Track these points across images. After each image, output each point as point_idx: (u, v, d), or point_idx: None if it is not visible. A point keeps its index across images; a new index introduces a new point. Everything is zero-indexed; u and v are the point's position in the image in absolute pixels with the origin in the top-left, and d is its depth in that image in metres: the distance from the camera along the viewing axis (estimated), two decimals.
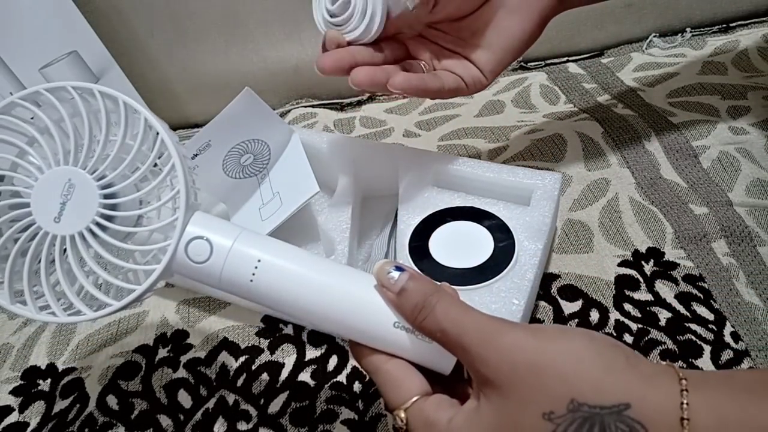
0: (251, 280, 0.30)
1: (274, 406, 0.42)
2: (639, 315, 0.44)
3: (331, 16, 0.42)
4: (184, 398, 0.43)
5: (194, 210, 0.32)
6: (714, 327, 0.42)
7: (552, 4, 0.41)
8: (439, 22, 0.42)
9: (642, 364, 0.25)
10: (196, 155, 0.49)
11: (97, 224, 0.30)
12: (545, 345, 0.25)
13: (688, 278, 0.46)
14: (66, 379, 0.46)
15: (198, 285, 0.52)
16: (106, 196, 0.30)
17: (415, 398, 0.28)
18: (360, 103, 0.75)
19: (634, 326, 0.43)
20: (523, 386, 0.24)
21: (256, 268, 0.30)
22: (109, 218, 0.31)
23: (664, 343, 0.42)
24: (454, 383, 0.30)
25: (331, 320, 0.30)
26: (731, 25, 0.74)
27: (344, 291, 0.30)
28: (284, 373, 0.44)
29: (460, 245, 0.43)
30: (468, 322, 0.26)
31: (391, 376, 0.29)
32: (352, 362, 0.44)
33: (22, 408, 0.45)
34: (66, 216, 0.30)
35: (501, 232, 0.44)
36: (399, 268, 0.29)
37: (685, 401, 0.23)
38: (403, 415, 0.28)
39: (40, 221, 0.30)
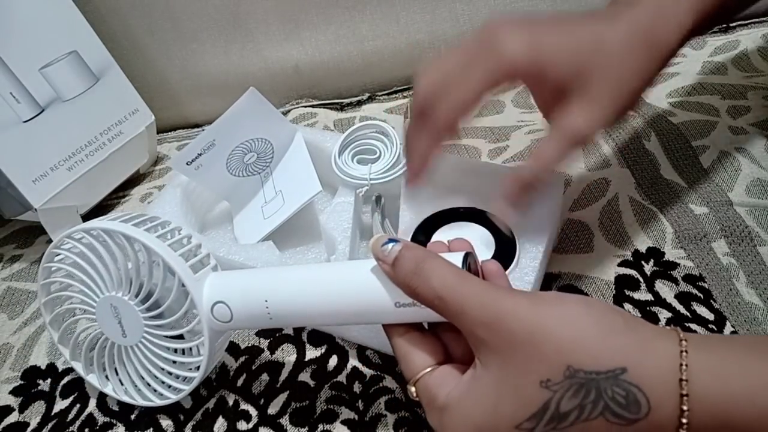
0: (270, 318, 0.35)
1: (274, 406, 0.42)
2: (639, 315, 0.44)
3: None
4: (184, 398, 0.43)
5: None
6: (714, 327, 0.42)
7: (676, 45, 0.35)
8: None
9: (641, 328, 0.25)
10: (200, 154, 0.49)
11: (153, 335, 0.38)
12: (543, 312, 0.25)
13: (688, 278, 0.46)
14: (66, 379, 0.46)
15: None
16: (149, 309, 0.37)
17: (421, 373, 0.29)
18: (360, 103, 0.75)
19: None
20: (520, 354, 0.25)
21: (267, 309, 0.34)
22: (156, 326, 0.38)
23: None
24: None
25: (346, 314, 0.33)
26: (731, 25, 0.74)
27: (347, 284, 0.32)
28: (284, 373, 0.44)
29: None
30: (466, 289, 0.26)
31: (401, 351, 0.30)
32: (352, 362, 0.44)
33: (22, 408, 0.45)
34: (126, 330, 0.38)
35: (502, 234, 0.44)
36: (393, 240, 0.29)
37: (684, 363, 0.23)
38: (413, 389, 0.29)
39: (111, 336, 0.39)
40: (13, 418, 0.44)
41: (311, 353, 0.45)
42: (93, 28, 0.63)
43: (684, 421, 0.23)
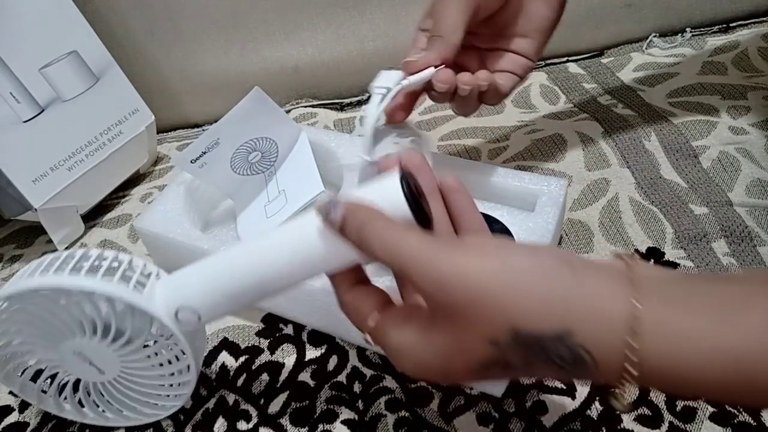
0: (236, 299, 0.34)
1: (274, 406, 0.42)
2: None
3: None
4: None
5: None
6: None
7: None
8: (477, 25, 0.44)
9: (589, 280, 0.24)
10: (204, 152, 0.49)
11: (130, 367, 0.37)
12: (485, 272, 0.24)
13: None
14: None
15: None
16: (115, 339, 0.35)
17: (372, 323, 0.29)
18: (360, 103, 0.75)
19: None
20: (466, 315, 0.25)
21: (229, 292, 0.33)
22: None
23: None
24: None
25: (299, 272, 0.32)
26: (731, 25, 0.74)
27: (294, 242, 0.31)
28: (284, 373, 0.44)
29: None
30: (405, 252, 0.26)
31: (349, 307, 0.31)
32: (352, 362, 0.44)
33: (22, 408, 0.45)
34: (102, 367, 0.37)
35: (503, 237, 0.44)
36: (335, 204, 0.29)
37: (632, 323, 0.23)
38: (368, 337, 0.30)
39: (87, 378, 0.38)
40: (13, 418, 0.44)
41: (311, 353, 0.45)
42: (93, 28, 0.63)
43: (628, 376, 0.23)
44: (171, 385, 0.39)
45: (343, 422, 0.41)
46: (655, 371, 0.23)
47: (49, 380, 0.40)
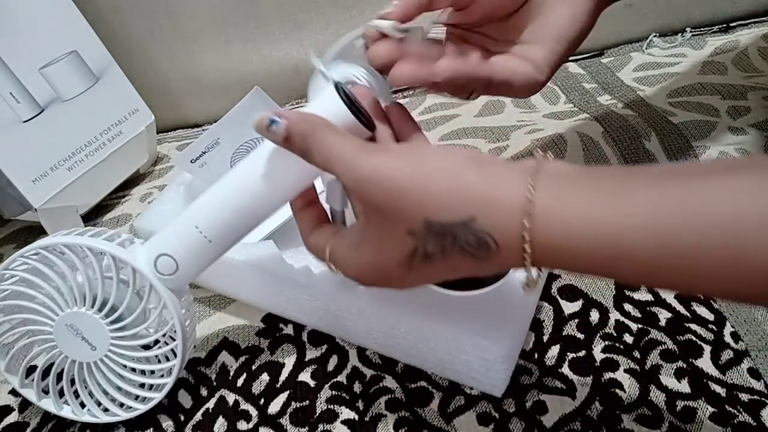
0: (209, 241, 0.36)
1: (274, 406, 0.42)
2: (639, 315, 0.44)
3: None
4: (184, 398, 0.43)
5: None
6: (714, 327, 0.42)
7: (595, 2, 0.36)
8: (480, 24, 0.39)
9: (492, 173, 0.27)
10: (204, 152, 0.49)
11: (119, 346, 0.39)
12: (400, 171, 0.27)
13: None
14: None
15: (206, 280, 0.52)
16: (113, 322, 0.38)
17: (328, 251, 0.32)
18: None
19: (634, 326, 0.43)
20: (387, 211, 0.28)
21: (201, 232, 0.35)
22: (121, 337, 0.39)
23: (664, 343, 0.42)
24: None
25: (267, 200, 0.34)
26: (731, 25, 0.74)
27: (256, 173, 0.34)
28: (284, 373, 0.44)
29: None
30: (336, 155, 0.29)
31: (311, 246, 0.34)
32: (352, 362, 0.44)
33: (22, 408, 0.45)
34: (93, 343, 0.39)
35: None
36: (277, 118, 0.31)
37: (530, 211, 0.25)
38: (331, 265, 0.33)
39: (76, 356, 0.40)
40: (12, 418, 0.44)
41: (311, 353, 0.45)
42: (93, 28, 0.63)
43: (526, 256, 0.26)
44: (154, 372, 0.41)
45: (343, 422, 0.41)
46: (548, 250, 0.25)
47: (37, 361, 0.42)
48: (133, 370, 0.40)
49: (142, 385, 0.41)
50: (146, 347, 0.41)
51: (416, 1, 0.35)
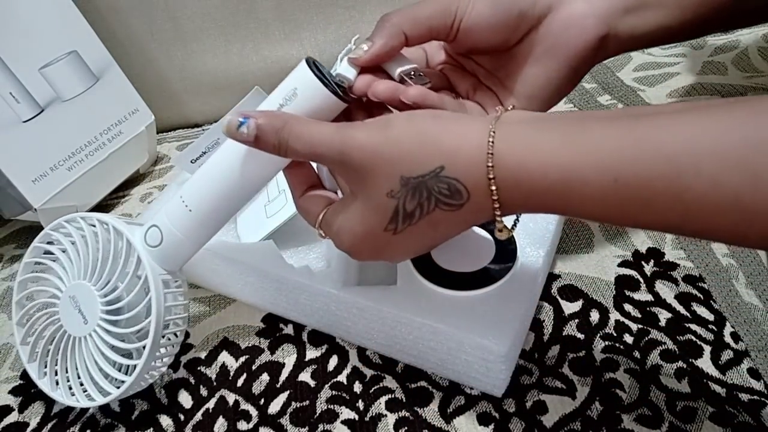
0: (190, 210, 0.37)
1: (274, 406, 0.42)
2: (639, 315, 0.44)
3: None
4: (184, 398, 0.43)
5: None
6: (714, 327, 0.42)
7: (584, 54, 0.36)
8: (470, 53, 0.39)
9: (457, 125, 0.29)
10: (204, 152, 0.49)
11: (106, 320, 0.39)
12: (375, 140, 0.30)
13: (688, 279, 0.46)
14: None
15: (206, 280, 0.52)
16: (109, 302, 0.40)
17: (320, 219, 0.34)
18: None
19: (634, 326, 0.43)
20: (367, 178, 0.30)
21: (184, 203, 0.37)
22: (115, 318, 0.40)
23: (664, 343, 0.42)
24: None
25: (247, 178, 0.36)
26: None
27: (237, 155, 0.35)
28: (284, 373, 0.44)
29: (462, 249, 0.43)
30: (315, 138, 0.31)
31: (302, 209, 0.36)
32: (352, 362, 0.44)
33: (22, 408, 0.45)
34: (87, 315, 0.40)
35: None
36: (245, 118, 0.32)
37: (489, 151, 0.27)
38: (321, 231, 0.35)
39: (71, 329, 0.41)
40: (12, 418, 0.44)
41: (311, 353, 0.45)
42: (93, 28, 0.63)
43: (495, 198, 0.28)
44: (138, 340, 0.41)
45: (343, 422, 0.41)
46: (512, 190, 0.27)
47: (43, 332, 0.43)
48: (114, 348, 0.40)
49: (120, 369, 0.40)
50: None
51: (387, 49, 0.34)
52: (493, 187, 0.28)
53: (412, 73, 0.35)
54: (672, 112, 0.25)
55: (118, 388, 0.39)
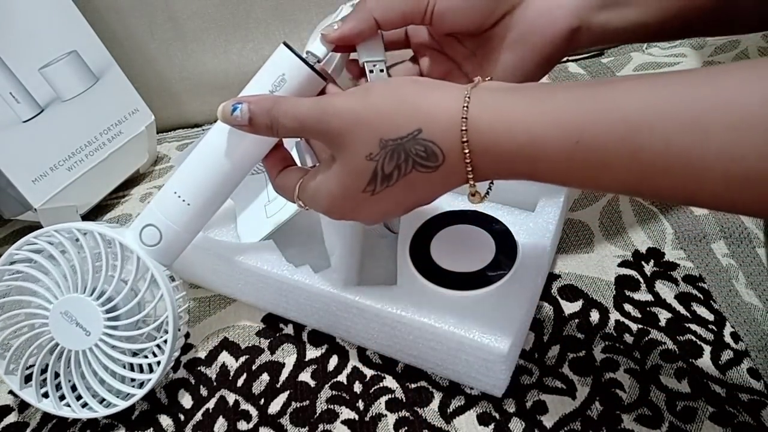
0: (188, 204, 0.38)
1: (274, 406, 0.42)
2: (639, 315, 0.44)
3: None
4: (184, 398, 0.43)
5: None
6: (714, 327, 0.42)
7: (555, 43, 0.36)
8: (449, 35, 0.39)
9: (435, 91, 0.30)
10: None
11: (110, 326, 0.39)
12: (354, 106, 0.31)
13: (688, 279, 0.46)
14: None
15: (206, 280, 0.52)
16: (108, 311, 0.39)
17: (297, 190, 0.35)
18: None
19: (634, 326, 0.43)
20: (347, 142, 0.31)
21: (180, 197, 0.38)
22: (115, 327, 0.40)
23: (664, 343, 0.42)
24: None
25: (237, 164, 0.37)
26: None
27: (226, 141, 0.37)
28: (284, 373, 0.44)
29: (462, 249, 0.43)
30: (303, 112, 0.32)
31: (280, 186, 0.37)
32: (352, 362, 0.44)
33: (22, 408, 0.45)
34: (88, 328, 0.39)
35: (504, 237, 0.44)
36: (238, 103, 0.34)
37: (464, 116, 0.28)
38: (300, 202, 0.36)
39: (64, 343, 0.40)
40: (12, 418, 0.44)
41: (311, 353, 0.45)
42: (93, 28, 0.63)
43: (468, 161, 0.29)
44: (147, 351, 0.41)
45: (343, 422, 0.41)
46: (484, 155, 0.28)
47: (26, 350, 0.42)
48: (125, 353, 0.40)
49: (134, 371, 0.41)
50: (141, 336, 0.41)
51: (356, 32, 0.35)
52: (466, 151, 0.29)
53: (375, 65, 0.37)
54: (633, 78, 0.26)
55: (141, 387, 0.40)
